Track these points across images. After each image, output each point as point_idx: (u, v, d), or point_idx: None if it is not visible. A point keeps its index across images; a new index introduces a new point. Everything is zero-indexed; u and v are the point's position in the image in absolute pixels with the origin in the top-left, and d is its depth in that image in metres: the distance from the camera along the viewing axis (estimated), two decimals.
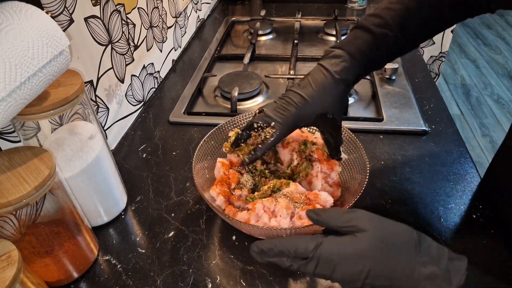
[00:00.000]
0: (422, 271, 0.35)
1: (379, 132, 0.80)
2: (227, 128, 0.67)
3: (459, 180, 0.68)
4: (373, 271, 0.36)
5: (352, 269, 0.37)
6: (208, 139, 0.64)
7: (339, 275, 0.37)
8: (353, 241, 0.37)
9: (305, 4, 1.46)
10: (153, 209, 0.66)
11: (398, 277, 0.36)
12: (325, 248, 0.38)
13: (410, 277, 0.36)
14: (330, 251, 0.38)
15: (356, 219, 0.39)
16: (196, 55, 1.16)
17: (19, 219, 0.46)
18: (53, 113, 0.47)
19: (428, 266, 0.35)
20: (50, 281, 0.53)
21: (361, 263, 0.36)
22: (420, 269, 0.35)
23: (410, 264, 0.36)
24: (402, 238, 0.37)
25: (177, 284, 0.54)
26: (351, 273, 0.37)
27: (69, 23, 0.63)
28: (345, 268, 0.37)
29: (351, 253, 0.37)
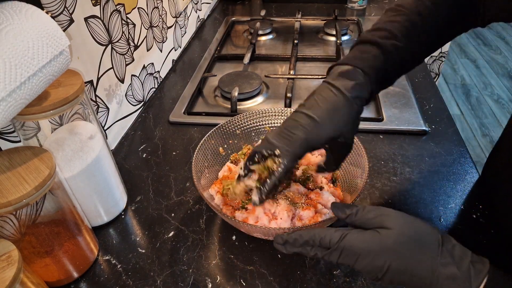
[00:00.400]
0: (443, 271, 0.36)
1: (379, 132, 0.80)
2: (228, 127, 0.67)
3: (459, 180, 0.68)
4: (393, 267, 0.37)
5: (374, 263, 0.38)
6: (208, 138, 0.64)
7: (360, 266, 0.39)
8: (377, 236, 0.38)
9: (305, 4, 1.46)
10: (153, 209, 0.66)
11: (417, 275, 0.36)
12: (349, 240, 0.39)
13: (430, 276, 0.36)
14: (354, 244, 0.39)
15: (381, 216, 0.39)
16: (196, 55, 1.16)
17: (19, 219, 0.46)
18: (53, 113, 0.47)
19: (449, 267, 0.36)
20: (50, 281, 0.53)
21: (383, 259, 0.37)
22: (440, 269, 0.36)
23: (432, 264, 0.36)
24: (426, 237, 0.38)
25: (177, 284, 0.54)
26: (373, 266, 0.38)
27: (69, 23, 0.63)
28: (367, 261, 0.38)
29: (375, 248, 0.38)
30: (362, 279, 0.53)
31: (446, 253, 0.36)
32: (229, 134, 0.68)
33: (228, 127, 0.67)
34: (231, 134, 0.68)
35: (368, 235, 0.39)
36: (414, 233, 0.38)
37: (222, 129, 0.66)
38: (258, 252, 0.57)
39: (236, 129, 0.68)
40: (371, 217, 0.40)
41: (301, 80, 0.98)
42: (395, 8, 0.52)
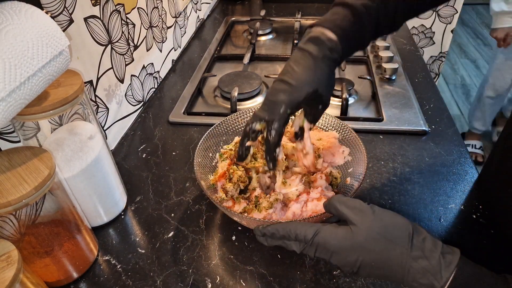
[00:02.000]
0: (414, 265, 0.36)
1: (379, 132, 0.80)
2: (231, 123, 0.68)
3: (459, 180, 0.68)
4: (366, 262, 0.38)
5: (347, 259, 0.39)
6: (209, 136, 0.64)
7: (335, 261, 0.40)
8: (348, 233, 0.39)
9: (305, 4, 1.46)
10: (153, 209, 0.66)
11: (389, 269, 0.38)
12: (322, 237, 0.40)
13: (401, 270, 0.37)
14: (326, 241, 0.40)
15: (354, 209, 0.40)
16: (196, 55, 1.16)
17: (19, 219, 0.46)
18: (53, 113, 0.47)
19: (420, 260, 0.36)
20: (50, 281, 0.53)
21: (355, 255, 0.38)
22: (411, 263, 0.36)
23: (402, 258, 0.37)
24: (396, 232, 0.38)
25: (177, 284, 0.54)
26: (346, 262, 0.39)
27: (68, 23, 0.63)
28: (340, 257, 0.39)
29: (346, 245, 0.39)
30: (362, 279, 0.53)
31: (417, 246, 0.37)
32: (232, 131, 0.69)
33: (233, 122, 0.68)
34: (234, 131, 0.69)
35: (340, 232, 0.40)
36: (384, 228, 0.38)
37: (227, 123, 0.68)
38: (258, 252, 0.57)
39: (239, 126, 0.69)
40: (345, 210, 0.41)
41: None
42: None
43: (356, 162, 0.60)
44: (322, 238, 0.40)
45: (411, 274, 0.37)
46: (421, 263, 0.36)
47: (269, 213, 0.53)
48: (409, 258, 0.37)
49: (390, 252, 0.37)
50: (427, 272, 0.36)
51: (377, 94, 0.90)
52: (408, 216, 0.61)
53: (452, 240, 0.58)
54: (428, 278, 0.36)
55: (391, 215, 0.40)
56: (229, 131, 0.68)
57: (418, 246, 0.37)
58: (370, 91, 0.94)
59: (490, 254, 0.56)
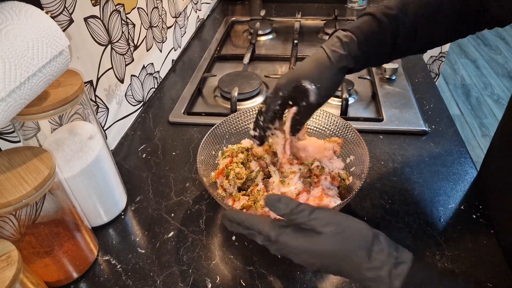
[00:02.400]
0: (368, 274, 0.39)
1: (379, 132, 0.80)
2: (233, 122, 0.69)
3: (459, 180, 0.68)
4: (325, 266, 0.41)
5: (308, 261, 0.41)
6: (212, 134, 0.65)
7: (296, 261, 0.42)
8: (309, 241, 0.41)
9: (305, 4, 1.46)
10: (153, 209, 0.66)
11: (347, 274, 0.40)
12: (284, 240, 0.42)
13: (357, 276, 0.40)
14: (288, 243, 0.41)
15: (315, 220, 0.41)
16: (196, 55, 1.16)
17: (19, 219, 0.46)
18: (53, 113, 0.47)
19: (374, 271, 0.39)
20: (50, 281, 0.53)
21: (314, 260, 0.41)
22: (366, 273, 0.39)
23: (358, 268, 0.39)
24: (356, 243, 0.40)
25: (177, 284, 0.54)
26: (308, 263, 0.41)
27: (68, 23, 0.63)
28: (300, 259, 0.41)
29: (307, 250, 0.41)
30: None
31: (373, 258, 0.39)
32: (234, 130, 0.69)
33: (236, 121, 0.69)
34: (236, 130, 0.69)
35: (301, 239, 0.41)
36: (344, 239, 0.40)
37: (229, 122, 0.68)
38: (258, 252, 0.57)
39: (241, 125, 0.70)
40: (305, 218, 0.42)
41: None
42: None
43: (359, 161, 0.60)
44: (284, 240, 0.41)
45: (366, 282, 0.39)
46: (375, 273, 0.38)
47: (266, 211, 0.53)
48: (365, 269, 0.39)
49: (347, 261, 0.40)
50: (379, 282, 0.38)
51: (377, 94, 0.90)
52: (408, 216, 0.62)
53: (452, 240, 0.58)
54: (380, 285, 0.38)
55: (351, 223, 0.42)
56: (231, 130, 0.68)
57: (374, 258, 0.39)
58: (370, 91, 0.94)
59: (490, 254, 0.55)
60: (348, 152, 0.65)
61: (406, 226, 0.60)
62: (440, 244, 0.57)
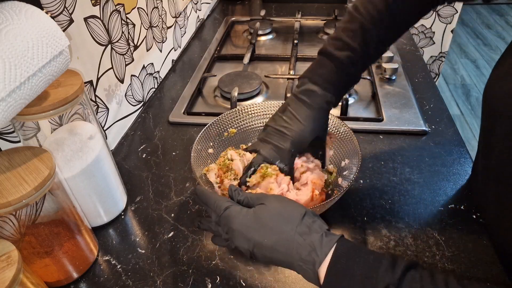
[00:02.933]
0: (299, 240, 0.40)
1: (379, 132, 0.80)
2: (231, 117, 0.69)
3: (459, 180, 0.68)
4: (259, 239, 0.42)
5: (244, 236, 0.43)
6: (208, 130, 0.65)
7: (235, 240, 0.44)
8: (250, 212, 0.44)
9: (305, 4, 1.46)
10: (153, 210, 0.66)
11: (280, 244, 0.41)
12: (230, 211, 0.44)
13: (290, 246, 0.41)
14: (232, 215, 0.44)
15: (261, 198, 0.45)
16: (196, 55, 1.16)
17: (19, 219, 0.46)
18: (53, 113, 0.47)
19: (305, 236, 0.41)
20: (50, 282, 0.53)
21: (251, 232, 0.42)
22: (297, 239, 0.40)
23: (291, 233, 0.41)
24: (291, 212, 0.43)
25: (177, 285, 0.54)
26: (242, 240, 0.43)
27: (68, 23, 0.63)
28: (239, 234, 0.43)
29: (246, 222, 0.43)
30: None
31: (305, 224, 0.42)
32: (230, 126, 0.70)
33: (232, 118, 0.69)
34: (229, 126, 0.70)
35: (244, 210, 0.44)
36: (281, 208, 0.43)
37: (226, 118, 0.69)
38: None
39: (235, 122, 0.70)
40: (254, 198, 0.46)
41: None
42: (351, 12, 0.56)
43: (351, 158, 0.60)
44: (231, 213, 0.44)
45: (296, 248, 0.40)
46: (306, 238, 0.40)
47: None
48: (296, 234, 0.41)
49: (282, 227, 0.42)
50: (310, 247, 0.40)
51: (377, 94, 0.90)
52: (408, 216, 0.62)
53: (452, 240, 0.58)
54: (310, 252, 0.40)
55: (290, 201, 0.45)
56: (226, 128, 0.69)
57: (305, 225, 0.42)
58: (370, 91, 0.94)
59: (490, 254, 0.55)
60: (343, 155, 0.64)
61: (406, 226, 0.60)
62: (440, 244, 0.57)
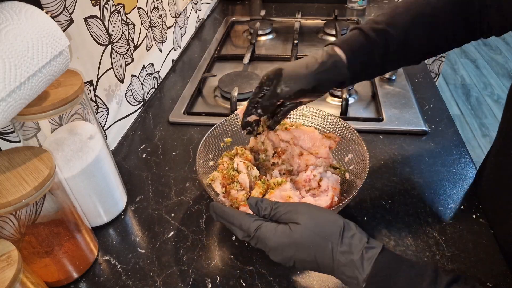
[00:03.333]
0: (341, 259, 0.41)
1: (379, 132, 0.80)
2: (232, 123, 0.68)
3: (459, 180, 0.68)
4: (300, 257, 0.42)
5: (283, 254, 0.43)
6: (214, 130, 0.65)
7: (272, 256, 0.44)
8: (286, 231, 0.43)
9: (305, 4, 1.46)
10: (153, 209, 0.66)
11: (321, 263, 0.42)
12: (262, 233, 0.44)
13: (331, 263, 0.41)
14: (266, 236, 0.44)
15: (291, 212, 0.44)
16: (196, 55, 1.16)
17: (19, 219, 0.46)
18: (53, 113, 0.47)
19: (346, 255, 0.41)
20: (50, 281, 0.53)
21: (291, 251, 0.42)
22: (339, 257, 0.41)
23: (332, 253, 0.41)
24: (329, 229, 0.42)
25: (177, 284, 0.54)
26: (283, 257, 0.43)
27: (68, 23, 0.63)
28: (278, 253, 0.43)
29: (284, 241, 0.43)
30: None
31: (345, 242, 0.41)
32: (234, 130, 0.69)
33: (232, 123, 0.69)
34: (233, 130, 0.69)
35: (279, 230, 0.43)
36: (318, 226, 0.43)
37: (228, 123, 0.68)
38: (258, 252, 0.57)
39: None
40: (282, 212, 0.45)
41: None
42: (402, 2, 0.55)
43: (358, 161, 0.60)
44: (263, 233, 0.44)
45: (340, 267, 0.41)
46: (347, 257, 0.40)
47: None
48: (338, 253, 0.41)
49: (322, 248, 0.41)
50: (352, 265, 0.40)
51: (377, 94, 0.90)
52: (408, 216, 0.62)
53: (452, 240, 0.58)
54: (353, 271, 0.40)
55: (325, 213, 0.45)
56: (230, 131, 0.68)
57: (346, 242, 0.41)
58: (370, 91, 0.94)
59: (490, 254, 0.55)
60: (346, 150, 0.65)
61: (406, 226, 0.60)
62: (440, 244, 0.57)
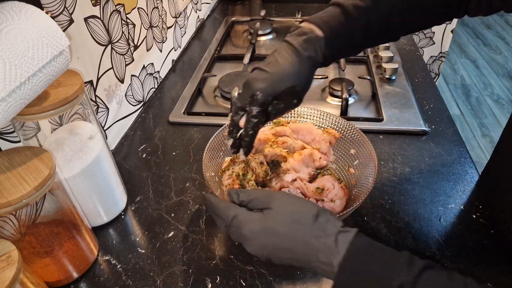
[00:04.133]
0: (316, 243, 0.39)
1: (379, 132, 0.80)
2: None
3: (459, 180, 0.68)
4: (275, 244, 0.41)
5: (258, 242, 0.42)
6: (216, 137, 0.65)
7: (248, 247, 0.43)
8: (261, 217, 0.42)
9: (305, 4, 1.46)
10: (153, 209, 0.66)
11: (296, 249, 0.40)
12: (238, 221, 0.43)
13: (305, 249, 0.40)
14: (240, 225, 0.42)
15: (267, 197, 0.43)
16: (196, 55, 1.16)
17: (19, 219, 0.46)
18: (53, 113, 0.47)
19: (320, 238, 0.39)
20: (50, 281, 0.53)
21: (265, 237, 0.41)
22: (314, 242, 0.39)
23: (306, 237, 0.40)
24: (302, 214, 0.41)
25: (177, 284, 0.54)
26: (258, 245, 0.42)
27: (69, 23, 0.63)
28: (252, 242, 0.42)
29: (257, 228, 0.42)
30: None
31: (319, 227, 0.40)
32: None
33: None
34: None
35: (254, 216, 0.42)
36: (292, 211, 0.42)
37: None
38: None
39: None
40: (258, 199, 0.44)
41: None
42: None
43: (365, 160, 0.60)
44: (238, 221, 0.42)
45: (313, 252, 0.39)
46: (321, 241, 0.39)
47: None
48: (312, 237, 0.39)
49: (296, 232, 0.40)
50: (327, 249, 0.38)
51: (377, 94, 0.90)
52: (408, 216, 0.62)
53: (452, 240, 0.58)
54: (328, 256, 0.38)
55: (299, 200, 0.44)
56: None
57: (320, 227, 0.40)
58: (370, 91, 0.94)
59: (490, 254, 0.56)
60: (349, 145, 0.65)
61: (406, 226, 0.60)
62: (440, 244, 0.57)
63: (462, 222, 0.60)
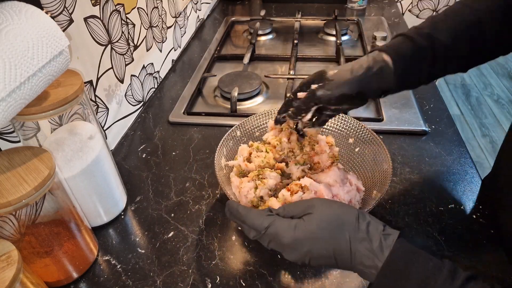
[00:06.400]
0: (359, 247, 0.39)
1: (379, 132, 0.79)
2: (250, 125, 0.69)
3: (459, 180, 0.68)
4: (317, 250, 0.40)
5: (299, 250, 0.41)
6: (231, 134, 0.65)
7: (287, 255, 0.42)
8: (301, 223, 0.41)
9: (305, 4, 1.46)
10: (153, 209, 0.66)
11: (339, 253, 0.40)
12: (275, 228, 0.42)
13: (348, 253, 0.40)
14: (278, 232, 0.42)
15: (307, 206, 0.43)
16: (195, 55, 1.16)
17: (18, 219, 0.46)
18: (53, 113, 0.47)
19: (364, 242, 0.39)
20: (50, 281, 0.53)
21: (307, 244, 0.41)
22: (357, 246, 0.39)
23: (350, 242, 0.40)
24: (344, 218, 0.41)
25: (176, 285, 0.54)
26: (298, 253, 0.41)
27: (68, 23, 0.63)
28: (293, 249, 0.41)
29: (298, 236, 0.41)
30: (362, 279, 0.53)
31: (362, 230, 0.40)
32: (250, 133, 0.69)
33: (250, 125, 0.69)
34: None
35: (293, 224, 0.42)
36: (333, 215, 0.41)
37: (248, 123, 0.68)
38: (258, 253, 0.57)
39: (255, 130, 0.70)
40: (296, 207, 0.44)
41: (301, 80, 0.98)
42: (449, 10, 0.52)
43: (380, 160, 0.60)
44: (276, 229, 0.42)
45: (357, 256, 0.39)
46: (365, 245, 0.39)
47: None
48: (356, 241, 0.39)
49: (339, 237, 0.40)
50: (371, 253, 0.39)
51: None
52: (408, 216, 0.62)
53: (452, 240, 0.58)
54: (372, 259, 0.38)
55: (337, 203, 0.44)
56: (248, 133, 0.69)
57: (363, 230, 0.40)
58: None
59: (490, 254, 0.55)
60: (363, 147, 0.65)
61: (406, 226, 0.60)
62: (440, 244, 0.57)
63: (462, 222, 0.60)
